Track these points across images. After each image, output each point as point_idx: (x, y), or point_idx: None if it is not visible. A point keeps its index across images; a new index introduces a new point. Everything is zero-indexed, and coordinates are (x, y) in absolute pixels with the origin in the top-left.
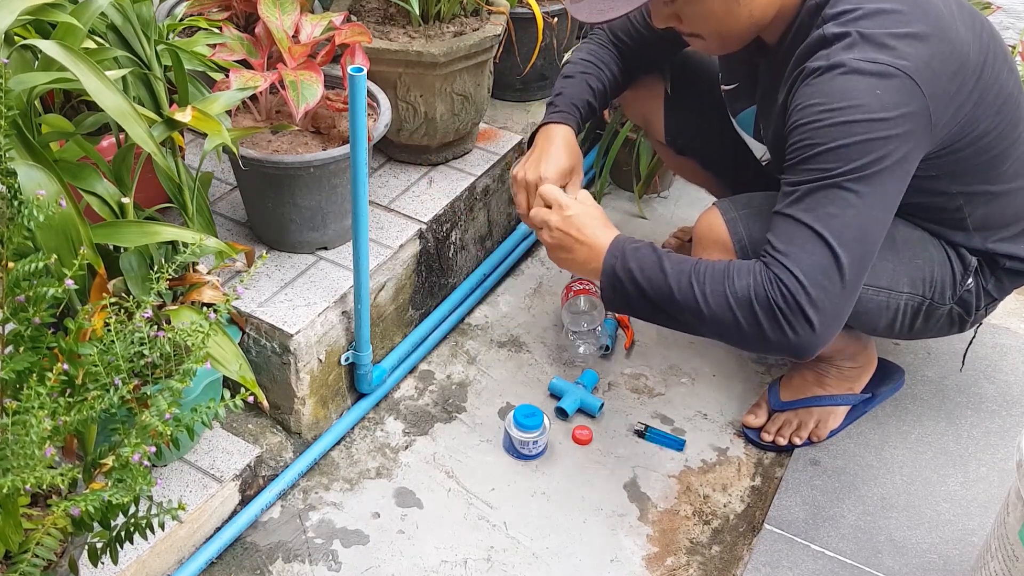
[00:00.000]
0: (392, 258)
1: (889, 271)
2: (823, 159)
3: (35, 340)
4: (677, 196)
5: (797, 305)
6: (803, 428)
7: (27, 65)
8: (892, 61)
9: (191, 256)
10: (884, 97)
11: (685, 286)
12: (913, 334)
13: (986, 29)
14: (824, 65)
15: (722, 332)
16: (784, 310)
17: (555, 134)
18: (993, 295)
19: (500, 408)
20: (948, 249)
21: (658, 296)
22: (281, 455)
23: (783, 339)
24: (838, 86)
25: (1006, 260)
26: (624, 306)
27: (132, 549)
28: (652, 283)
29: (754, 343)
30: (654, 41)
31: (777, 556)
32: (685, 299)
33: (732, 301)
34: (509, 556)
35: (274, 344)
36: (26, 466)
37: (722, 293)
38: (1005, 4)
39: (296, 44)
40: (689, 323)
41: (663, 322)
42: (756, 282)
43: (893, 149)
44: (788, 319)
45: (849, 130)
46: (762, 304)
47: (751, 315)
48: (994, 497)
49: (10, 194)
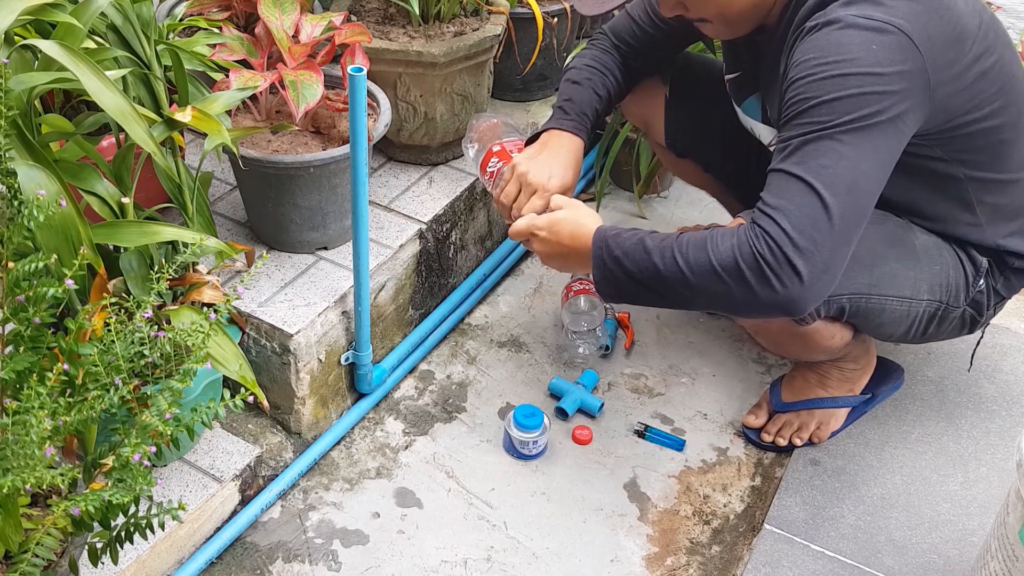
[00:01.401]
0: (392, 258)
1: (912, 280)
2: (816, 112)
3: (35, 340)
4: (677, 196)
5: (783, 255)
6: (804, 430)
7: (27, 65)
8: (889, 18)
9: (191, 256)
10: (880, 53)
11: (669, 259)
12: (926, 338)
13: (987, 12)
14: (821, 22)
15: (713, 299)
16: (770, 261)
17: (567, 144)
18: (1002, 294)
19: (500, 408)
20: (960, 252)
21: (645, 276)
22: (281, 455)
23: (771, 295)
24: (833, 39)
25: (1015, 259)
26: (616, 293)
27: (132, 549)
28: (638, 264)
29: (744, 305)
30: (658, 41)
31: (777, 556)
32: (671, 272)
33: (716, 263)
34: (509, 556)
35: (274, 344)
36: (26, 466)
37: (705, 259)
38: (1005, 4)
39: (296, 44)
40: (680, 297)
41: (656, 302)
42: (740, 240)
43: (889, 105)
44: (775, 271)
45: (843, 83)
46: (746, 259)
47: (736, 273)
48: (994, 497)
49: (10, 194)
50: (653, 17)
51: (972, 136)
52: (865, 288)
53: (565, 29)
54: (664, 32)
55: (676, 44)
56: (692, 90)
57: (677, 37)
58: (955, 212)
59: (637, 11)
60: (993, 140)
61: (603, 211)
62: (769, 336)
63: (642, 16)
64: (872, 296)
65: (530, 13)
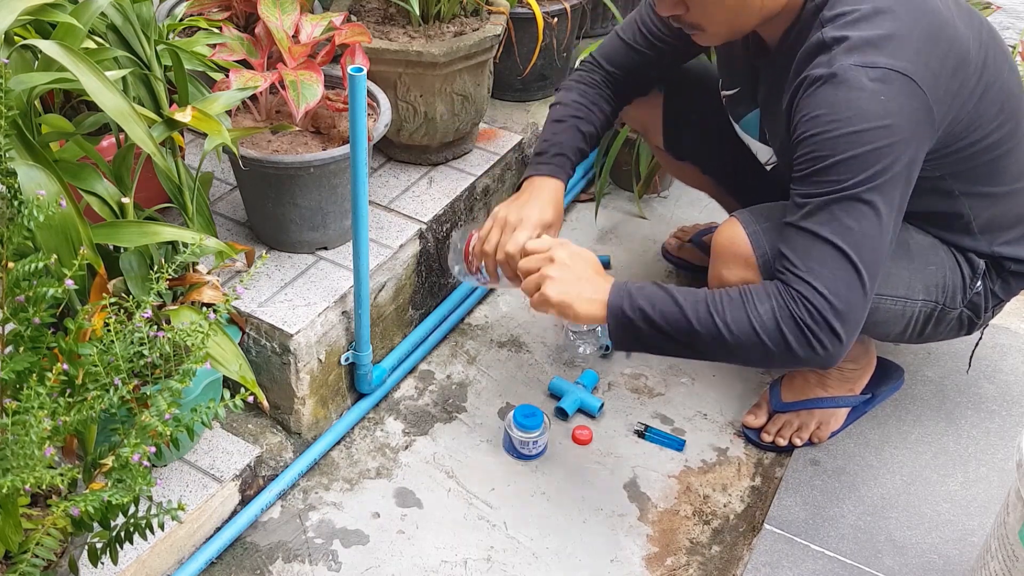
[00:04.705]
0: (392, 258)
1: (905, 279)
2: (835, 171)
3: (35, 340)
4: (677, 196)
5: (824, 321)
6: (804, 430)
7: (27, 65)
8: (892, 64)
9: (191, 256)
10: (888, 104)
11: (704, 316)
12: (923, 338)
13: (984, 27)
14: (826, 74)
15: (748, 357)
16: (812, 327)
17: (546, 186)
18: (1000, 296)
19: (500, 408)
20: (957, 254)
21: (675, 330)
22: (281, 455)
23: (812, 355)
24: (842, 96)
25: (1012, 263)
26: (634, 343)
27: (132, 549)
28: (667, 317)
29: (781, 362)
30: (651, 61)
31: (777, 556)
32: (707, 330)
33: (757, 325)
34: (509, 556)
35: (274, 344)
36: (26, 466)
37: (745, 319)
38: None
39: (296, 44)
40: (710, 351)
41: (679, 353)
42: (779, 303)
43: (901, 153)
44: (816, 335)
45: (858, 140)
46: (788, 324)
47: (778, 336)
48: (994, 497)
49: (10, 194)
50: (649, 37)
51: (971, 156)
52: None
53: (565, 29)
54: (658, 51)
55: (669, 62)
56: (689, 94)
57: (670, 55)
58: (951, 223)
59: (629, 33)
60: (990, 157)
61: (603, 211)
62: None
63: (636, 38)
64: None
65: (530, 13)
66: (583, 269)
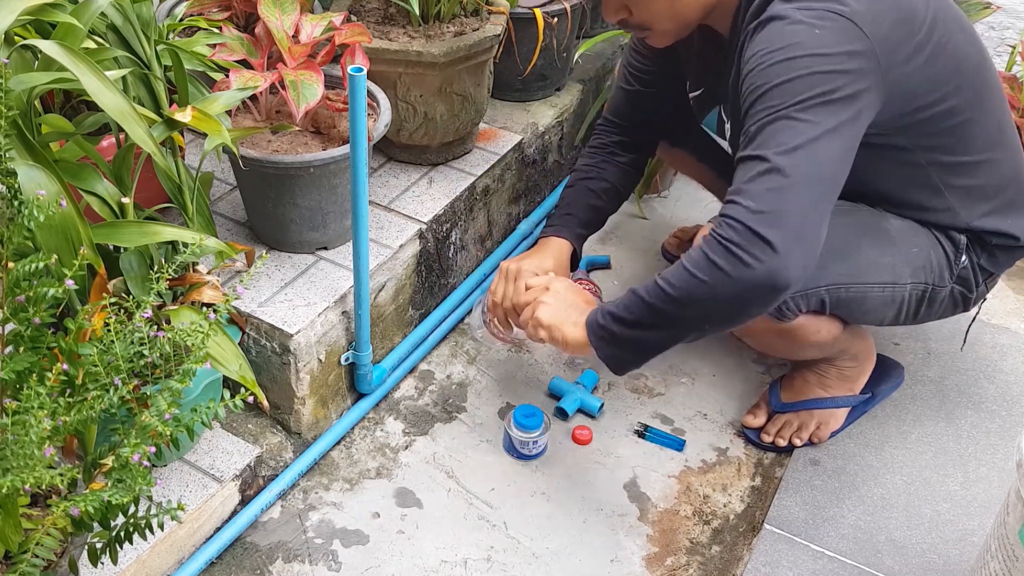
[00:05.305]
0: (392, 258)
1: (890, 266)
2: (769, 97)
3: (35, 340)
4: (677, 196)
5: (747, 229)
6: (804, 430)
7: (27, 65)
8: (829, 6)
9: (191, 256)
10: (824, 36)
11: (652, 288)
12: (919, 320)
13: None
14: (764, 18)
15: (701, 305)
16: (737, 241)
17: (546, 243)
18: (989, 270)
19: (500, 408)
20: (937, 233)
21: (639, 316)
22: (281, 455)
23: (748, 272)
24: (776, 30)
25: (992, 237)
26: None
27: (132, 549)
28: (629, 308)
29: (732, 299)
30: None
31: (777, 556)
32: (657, 298)
33: (690, 266)
34: (509, 556)
35: (274, 344)
36: (26, 466)
37: (679, 268)
38: (1005, 4)
39: (296, 44)
40: (674, 320)
41: (659, 341)
42: (706, 237)
43: (841, 85)
44: (743, 247)
45: (791, 65)
46: (714, 249)
47: (708, 265)
48: (994, 497)
49: (10, 194)
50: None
51: (932, 120)
52: (843, 278)
53: (565, 29)
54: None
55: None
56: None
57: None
58: (924, 199)
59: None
60: (953, 123)
61: None
62: (755, 337)
63: (628, 80)
64: (851, 286)
65: (530, 13)
66: (575, 299)
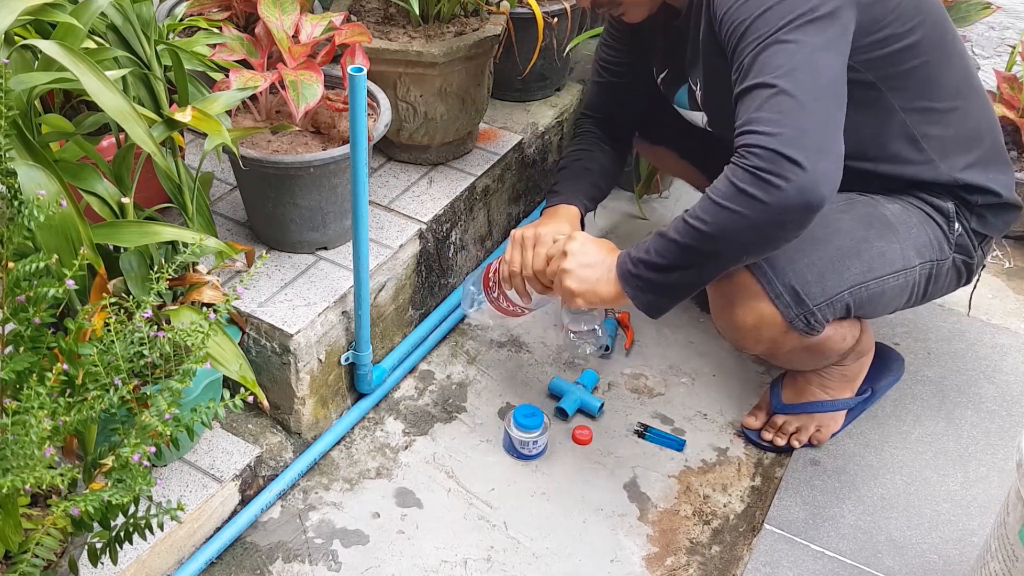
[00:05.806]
0: (392, 258)
1: (899, 252)
2: (755, 28)
3: (35, 340)
4: (677, 196)
5: (773, 153)
6: (803, 432)
7: (27, 65)
8: None
9: (191, 256)
10: None
11: (682, 227)
12: (926, 299)
13: None
14: None
15: (737, 236)
16: (763, 167)
17: (555, 210)
18: (982, 232)
19: (500, 408)
20: (926, 206)
21: (673, 258)
22: (281, 455)
23: (781, 195)
24: None
25: (977, 195)
26: (657, 295)
27: (132, 549)
28: (660, 252)
29: (768, 225)
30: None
31: (777, 556)
32: (691, 238)
33: (720, 199)
34: (509, 556)
35: (274, 344)
36: (26, 466)
37: (709, 203)
38: (1005, 4)
39: (296, 44)
40: (710, 259)
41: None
42: (730, 169)
43: (819, 3)
44: (771, 170)
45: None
46: (742, 179)
47: (740, 196)
48: (994, 497)
49: (10, 194)
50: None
51: (898, 56)
52: (861, 276)
53: (565, 29)
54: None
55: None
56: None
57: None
58: (903, 150)
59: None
60: (916, 63)
61: (603, 211)
62: (783, 357)
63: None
64: (870, 283)
65: (530, 13)
66: (594, 254)
